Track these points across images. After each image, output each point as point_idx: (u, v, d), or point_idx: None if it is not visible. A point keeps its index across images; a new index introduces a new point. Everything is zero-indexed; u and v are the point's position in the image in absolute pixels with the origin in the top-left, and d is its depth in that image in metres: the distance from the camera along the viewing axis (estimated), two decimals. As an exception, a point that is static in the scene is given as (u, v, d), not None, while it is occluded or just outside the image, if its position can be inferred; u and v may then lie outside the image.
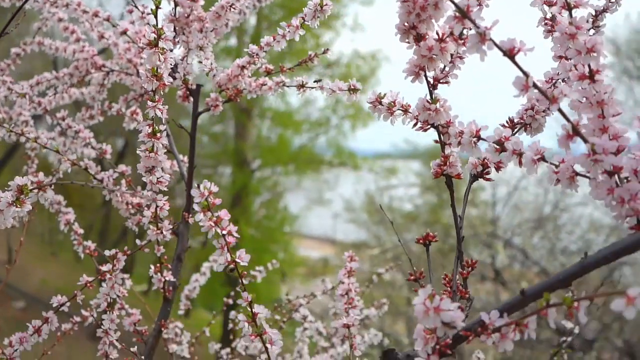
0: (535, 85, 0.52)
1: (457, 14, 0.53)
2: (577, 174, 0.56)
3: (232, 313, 1.18)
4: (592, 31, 0.73)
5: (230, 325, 1.42)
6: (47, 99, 1.21)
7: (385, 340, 1.47)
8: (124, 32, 1.07)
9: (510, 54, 0.52)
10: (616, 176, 0.54)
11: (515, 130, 0.71)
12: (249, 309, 0.67)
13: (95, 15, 1.11)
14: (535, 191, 7.55)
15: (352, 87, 0.85)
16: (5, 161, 7.95)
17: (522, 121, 0.70)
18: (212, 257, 1.54)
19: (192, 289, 1.48)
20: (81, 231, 1.13)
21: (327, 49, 1.06)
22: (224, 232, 0.64)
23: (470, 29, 0.55)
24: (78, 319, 1.15)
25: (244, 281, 0.66)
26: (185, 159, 1.15)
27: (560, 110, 0.53)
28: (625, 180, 0.54)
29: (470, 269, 0.68)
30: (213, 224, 0.63)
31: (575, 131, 0.53)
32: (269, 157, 11.52)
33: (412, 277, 0.75)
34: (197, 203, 0.62)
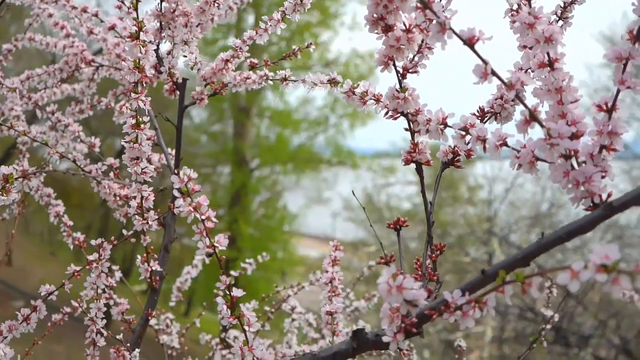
0: (493, 73, 0.55)
1: (419, 4, 0.55)
2: (538, 158, 0.58)
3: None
4: (560, 22, 0.75)
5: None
6: (39, 94, 1.23)
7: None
8: (112, 28, 1.09)
9: (470, 42, 0.55)
10: (573, 160, 0.56)
11: (486, 119, 0.73)
12: (228, 293, 0.69)
13: (84, 11, 1.14)
14: (533, 189, 7.58)
15: (332, 80, 0.88)
16: (4, 160, 7.98)
17: (492, 110, 0.73)
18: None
19: (184, 281, 1.50)
20: (70, 223, 1.15)
21: (311, 43, 1.08)
22: (203, 217, 0.66)
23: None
24: (68, 309, 1.18)
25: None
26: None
27: (518, 97, 0.55)
28: (583, 164, 0.56)
29: (439, 252, 0.70)
30: (192, 209, 0.66)
31: (532, 117, 0.55)
32: (267, 156, 11.54)
33: (382, 261, 0.77)
34: (176, 189, 0.64)
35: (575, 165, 0.56)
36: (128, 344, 0.98)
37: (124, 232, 0.99)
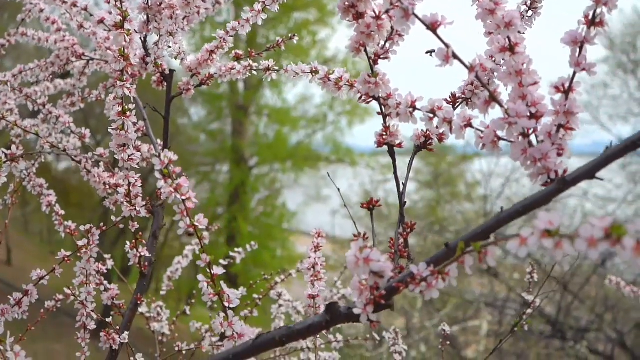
0: (455, 56, 0.57)
1: (384, -9, 0.58)
2: (500, 138, 0.61)
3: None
4: (530, 12, 0.78)
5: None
6: (32, 88, 1.26)
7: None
8: (101, 21, 1.12)
9: (432, 27, 0.57)
10: (533, 138, 0.59)
11: (457, 104, 0.76)
12: (208, 270, 0.72)
13: (74, 5, 1.16)
14: (529, 184, 7.62)
15: (313, 69, 0.90)
16: None
17: (463, 96, 0.75)
18: (194, 241, 1.59)
19: (175, 271, 1.53)
20: (62, 212, 1.18)
21: (294, 35, 1.11)
22: (184, 197, 0.69)
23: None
24: (61, 296, 1.21)
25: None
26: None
27: (478, 79, 0.58)
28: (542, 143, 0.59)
29: (410, 230, 0.73)
30: (173, 190, 0.68)
31: (492, 97, 0.58)
32: (266, 154, 11.56)
33: (355, 238, 0.80)
34: (157, 170, 0.67)
35: (535, 143, 0.59)
36: (117, 327, 1.01)
37: (113, 218, 1.02)
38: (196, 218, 0.70)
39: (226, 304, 0.72)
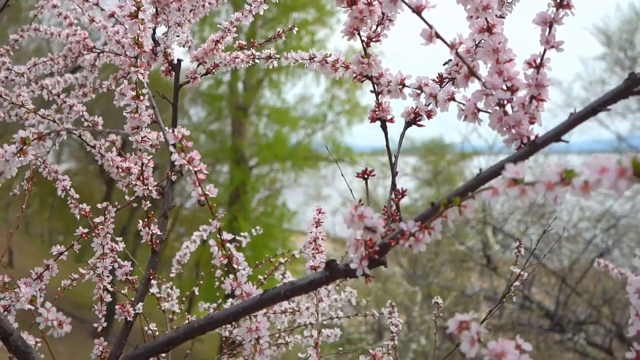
0: (437, 36, 0.65)
1: (374, -22, 0.65)
2: (479, 109, 0.69)
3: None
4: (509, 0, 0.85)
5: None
6: (46, 80, 1.33)
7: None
8: (112, 15, 1.19)
9: (418, 10, 0.65)
10: (508, 108, 0.67)
11: (444, 83, 0.83)
12: (218, 236, 0.79)
13: (86, 0, 1.24)
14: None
15: (312, 56, 0.97)
16: None
17: (449, 76, 0.83)
18: (201, 227, 1.67)
19: (183, 255, 1.60)
20: (77, 196, 1.25)
21: (294, 26, 1.18)
22: (196, 169, 0.76)
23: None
24: (76, 275, 1.28)
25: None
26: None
27: (458, 55, 0.65)
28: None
29: (401, 196, 0.81)
30: (186, 162, 0.76)
31: (471, 72, 0.65)
32: (266, 154, 11.63)
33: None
34: (172, 145, 0.74)
35: (510, 113, 0.66)
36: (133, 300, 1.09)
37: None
38: (207, 188, 0.77)
39: (235, 266, 0.79)
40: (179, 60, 1.14)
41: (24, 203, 1.37)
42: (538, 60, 0.66)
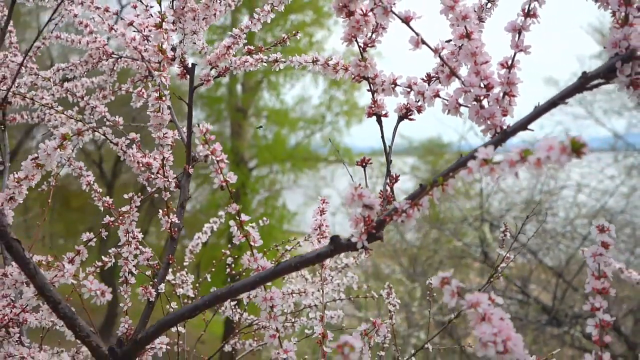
0: (423, 42, 0.76)
1: (369, -6, 0.77)
2: (460, 104, 0.80)
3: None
4: (489, 4, 0.97)
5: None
6: (70, 83, 1.45)
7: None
8: (131, 24, 1.31)
9: (406, 20, 0.76)
10: (485, 102, 0.78)
11: (432, 82, 0.94)
12: (237, 217, 0.91)
13: (106, 10, 1.35)
14: (526, 176, 7.84)
15: (314, 59, 1.09)
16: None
17: (436, 75, 0.94)
18: (212, 219, 1.79)
19: (195, 245, 1.72)
20: (100, 190, 1.36)
21: (297, 32, 1.30)
22: (218, 158, 0.88)
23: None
24: (99, 263, 1.39)
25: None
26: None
27: (440, 58, 0.77)
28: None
29: (395, 180, 0.92)
30: (210, 153, 0.87)
31: (452, 72, 0.77)
32: (265, 156, 11.73)
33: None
34: (197, 137, 0.86)
35: (486, 107, 0.78)
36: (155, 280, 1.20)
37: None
38: (227, 174, 0.89)
39: (252, 244, 0.91)
40: (194, 65, 1.26)
41: (50, 197, 1.49)
42: (509, 62, 0.78)
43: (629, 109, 9.03)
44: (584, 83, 0.69)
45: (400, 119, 0.94)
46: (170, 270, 1.55)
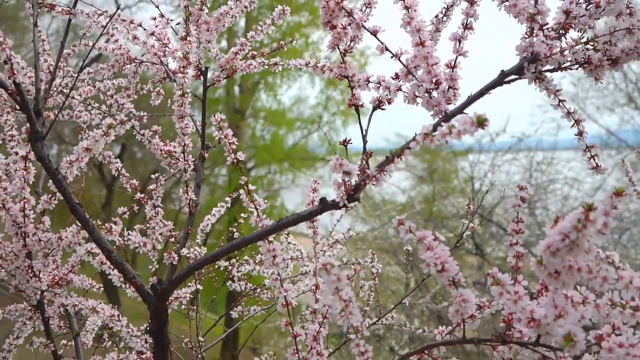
0: (386, 49, 1.02)
1: (346, 14, 1.02)
2: (416, 96, 1.05)
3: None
4: (445, 18, 1.22)
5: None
6: (101, 83, 1.70)
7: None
8: (152, 34, 1.56)
9: (374, 33, 1.02)
10: (435, 93, 1.04)
11: (399, 79, 1.20)
12: (246, 188, 1.16)
13: (131, 22, 1.60)
14: (519, 171, 8.12)
15: (307, 62, 1.34)
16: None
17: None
18: (220, 203, 2.04)
19: (206, 226, 1.98)
20: (127, 174, 1.61)
21: (292, 39, 1.56)
22: (230, 141, 1.13)
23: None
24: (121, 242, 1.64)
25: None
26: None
27: (400, 61, 1.02)
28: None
29: (369, 155, 1.17)
30: (223, 137, 1.12)
31: (408, 71, 1.02)
32: (263, 156, 11.95)
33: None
34: (213, 125, 1.11)
35: (435, 97, 1.04)
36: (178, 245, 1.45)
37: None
38: (238, 154, 1.14)
39: (257, 207, 1.16)
40: (207, 68, 1.51)
41: (83, 182, 1.74)
42: (452, 63, 1.03)
43: (620, 105, 9.29)
44: (502, 78, 0.94)
45: (374, 108, 1.19)
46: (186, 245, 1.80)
